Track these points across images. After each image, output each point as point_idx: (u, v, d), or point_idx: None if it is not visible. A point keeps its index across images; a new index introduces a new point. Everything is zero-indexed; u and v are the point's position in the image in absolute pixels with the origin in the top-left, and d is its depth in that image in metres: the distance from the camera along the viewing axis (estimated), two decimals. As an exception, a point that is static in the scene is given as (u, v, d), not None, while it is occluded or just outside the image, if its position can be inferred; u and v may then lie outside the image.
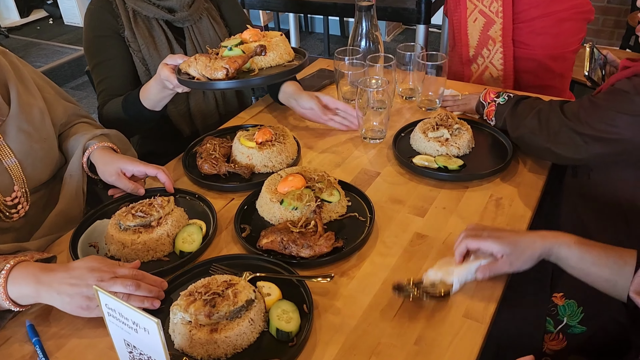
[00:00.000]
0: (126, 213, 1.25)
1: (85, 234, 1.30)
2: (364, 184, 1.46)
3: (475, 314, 1.06)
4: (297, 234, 1.18)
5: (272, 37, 1.48)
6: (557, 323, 1.25)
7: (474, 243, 1.11)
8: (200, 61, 1.35)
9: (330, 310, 1.08)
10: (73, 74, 4.68)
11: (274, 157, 1.48)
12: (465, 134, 1.53)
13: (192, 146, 1.61)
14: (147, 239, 1.20)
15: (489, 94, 1.60)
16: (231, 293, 1.02)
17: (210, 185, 1.44)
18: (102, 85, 1.69)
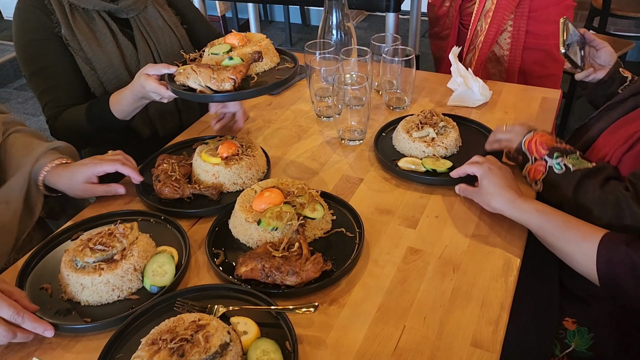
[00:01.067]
0: (82, 247, 1.05)
1: (33, 273, 1.10)
2: (346, 193, 1.32)
3: (485, 341, 0.94)
4: (280, 259, 1.03)
5: (258, 40, 1.46)
6: (564, 347, 1.15)
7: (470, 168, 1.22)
8: (202, 72, 1.26)
9: (319, 346, 0.94)
10: (16, 74, 4.33)
11: (243, 172, 1.30)
12: (452, 132, 1.41)
13: (143, 168, 1.38)
14: (111, 276, 1.02)
15: (537, 146, 1.20)
16: (202, 337, 0.86)
17: (174, 212, 1.24)
18: (46, 96, 1.51)
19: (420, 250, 1.13)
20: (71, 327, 0.97)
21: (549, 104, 1.66)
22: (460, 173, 1.24)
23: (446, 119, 1.45)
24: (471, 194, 1.20)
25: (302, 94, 1.79)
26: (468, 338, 0.94)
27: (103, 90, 1.54)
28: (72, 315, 1.00)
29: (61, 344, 0.96)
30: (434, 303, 1.01)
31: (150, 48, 1.62)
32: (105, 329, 0.98)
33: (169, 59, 1.66)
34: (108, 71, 1.52)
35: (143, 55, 1.60)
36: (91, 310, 1.01)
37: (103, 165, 1.23)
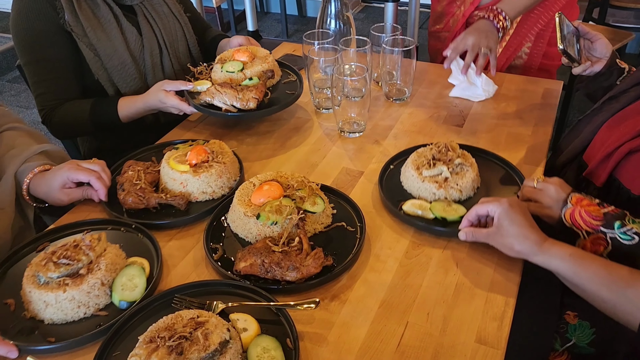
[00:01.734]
0: (45, 261, 0.98)
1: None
2: (347, 186, 1.29)
3: (489, 338, 0.92)
4: (280, 254, 1.01)
5: (264, 56, 1.59)
6: (564, 341, 1.14)
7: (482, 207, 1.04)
8: (228, 93, 1.40)
9: (320, 343, 0.92)
10: (9, 66, 4.25)
11: (213, 181, 1.22)
12: (469, 172, 1.20)
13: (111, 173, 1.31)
14: (77, 292, 0.95)
15: (585, 217, 1.01)
16: (201, 335, 0.84)
17: (138, 224, 1.15)
18: (41, 87, 1.49)
19: (423, 245, 1.11)
20: (34, 349, 0.91)
21: (551, 95, 1.64)
22: (472, 218, 1.06)
23: (464, 155, 1.24)
24: (485, 237, 1.03)
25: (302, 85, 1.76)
26: (472, 334, 0.92)
27: (107, 76, 1.51)
28: (35, 335, 0.94)
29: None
30: (437, 299, 0.99)
31: (155, 34, 1.59)
32: (71, 349, 0.92)
33: (174, 46, 1.65)
34: (113, 57, 1.49)
35: (148, 40, 1.57)
36: (56, 329, 0.95)
37: (78, 173, 1.18)
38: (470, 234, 1.05)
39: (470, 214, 1.06)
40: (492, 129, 1.49)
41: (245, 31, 4.41)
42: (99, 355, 0.88)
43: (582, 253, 0.95)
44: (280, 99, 1.50)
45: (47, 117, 1.51)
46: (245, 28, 4.81)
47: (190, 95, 1.46)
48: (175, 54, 1.65)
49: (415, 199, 1.20)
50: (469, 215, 1.06)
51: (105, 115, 1.48)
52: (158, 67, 1.61)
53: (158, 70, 1.61)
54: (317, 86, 1.65)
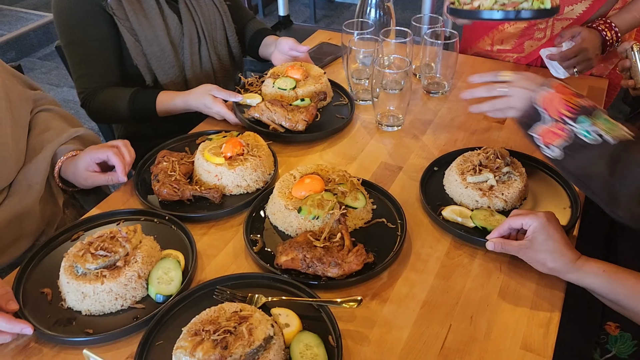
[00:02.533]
0: (83, 252, 0.98)
1: (34, 274, 1.03)
2: (385, 181, 1.27)
3: (535, 344, 0.90)
4: (322, 250, 1.00)
5: (319, 76, 1.55)
6: (604, 352, 1.11)
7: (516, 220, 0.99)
8: (278, 112, 1.37)
9: (362, 342, 0.91)
10: (40, 43, 4.29)
11: (247, 174, 1.21)
12: (516, 182, 1.15)
13: (142, 164, 1.31)
14: (114, 284, 0.95)
15: (556, 99, 0.98)
16: (245, 330, 0.84)
17: (173, 215, 1.14)
18: (81, 68, 1.49)
19: (465, 245, 1.09)
20: (72, 340, 0.91)
21: (596, 94, 1.59)
22: (503, 231, 1.01)
23: (514, 163, 1.19)
24: (516, 250, 0.98)
25: (337, 74, 1.74)
26: (518, 340, 0.90)
27: (146, 63, 1.51)
28: (72, 326, 0.94)
29: (66, 359, 0.90)
30: (480, 302, 0.97)
31: (195, 22, 1.59)
32: (110, 341, 0.92)
33: (212, 35, 1.64)
34: (153, 43, 1.49)
35: (188, 28, 1.56)
36: (93, 321, 0.95)
37: (98, 152, 1.17)
38: (499, 245, 1.00)
39: (502, 227, 1.01)
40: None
41: (275, 15, 4.37)
42: (143, 343, 0.88)
43: (616, 269, 0.92)
44: (331, 123, 1.45)
45: (87, 100, 1.51)
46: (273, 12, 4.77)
47: (237, 106, 1.45)
48: (213, 43, 1.64)
49: (456, 205, 1.15)
50: (501, 227, 1.01)
51: (144, 106, 1.48)
52: (196, 56, 1.60)
53: (196, 60, 1.60)
54: (355, 77, 1.62)
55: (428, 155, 1.35)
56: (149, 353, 0.88)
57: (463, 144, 1.39)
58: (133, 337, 0.92)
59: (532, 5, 1.25)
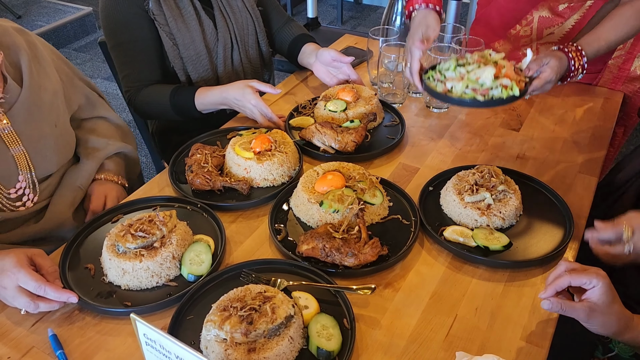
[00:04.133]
0: (124, 233, 1.08)
1: (79, 252, 1.14)
2: (402, 181, 1.35)
3: (534, 337, 0.97)
4: (340, 241, 1.08)
5: (369, 98, 1.56)
6: (607, 351, 1.16)
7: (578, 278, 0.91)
8: (326, 134, 1.40)
9: (374, 326, 0.99)
10: (76, 35, 4.45)
11: (274, 169, 1.29)
12: (512, 200, 1.18)
13: (177, 156, 1.41)
14: (151, 263, 1.05)
15: None
16: (269, 308, 0.93)
17: (204, 204, 1.23)
18: (127, 68, 1.60)
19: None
20: (112, 311, 1.01)
21: (611, 106, 1.64)
22: (560, 288, 0.92)
23: (507, 181, 1.23)
24: (583, 312, 0.90)
25: (362, 76, 1.81)
26: (518, 332, 0.98)
27: (182, 65, 1.61)
28: (113, 298, 1.04)
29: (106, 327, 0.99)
30: (486, 295, 1.05)
31: (229, 28, 1.67)
32: (145, 313, 1.01)
33: (244, 40, 1.72)
34: (190, 47, 1.59)
35: (222, 34, 1.65)
36: (131, 295, 1.04)
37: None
38: (558, 305, 0.90)
39: (559, 283, 0.91)
40: (549, 135, 1.51)
41: (303, 16, 4.46)
42: (176, 317, 0.98)
43: None
44: (380, 143, 1.47)
45: (132, 98, 1.61)
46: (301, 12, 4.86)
47: (289, 128, 1.51)
48: (245, 47, 1.73)
49: (456, 225, 1.18)
50: (558, 283, 0.91)
51: (183, 102, 1.55)
52: (229, 60, 1.69)
53: (228, 63, 1.69)
54: (381, 80, 1.70)
55: (444, 158, 1.42)
56: (181, 326, 0.98)
57: (478, 149, 1.46)
58: (166, 311, 1.02)
59: (501, 93, 1.27)
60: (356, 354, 0.94)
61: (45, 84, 1.25)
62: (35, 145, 1.22)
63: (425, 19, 1.39)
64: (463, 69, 1.32)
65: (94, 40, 4.43)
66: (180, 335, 0.96)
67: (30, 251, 1.04)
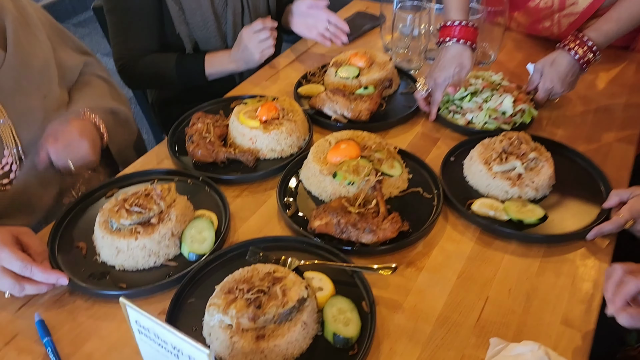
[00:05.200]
0: (118, 208, 0.98)
1: (69, 230, 1.03)
2: (422, 151, 1.24)
3: (576, 321, 0.87)
4: (356, 215, 0.97)
5: (384, 63, 1.44)
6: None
7: None
8: (338, 101, 1.28)
9: (396, 309, 0.89)
10: (75, 9, 4.30)
11: (282, 139, 1.18)
12: (545, 167, 1.08)
13: (177, 126, 1.30)
14: (148, 240, 0.95)
15: None
16: (279, 290, 0.83)
17: (206, 176, 1.13)
18: (122, 34, 1.49)
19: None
20: (105, 293, 0.91)
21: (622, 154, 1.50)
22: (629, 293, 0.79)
23: (538, 148, 1.12)
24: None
25: (374, 43, 1.70)
26: (558, 315, 0.87)
27: (188, 32, 1.50)
28: (106, 280, 0.94)
29: (99, 312, 0.90)
30: (519, 275, 0.94)
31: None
32: (141, 296, 0.91)
33: (255, 4, 1.60)
34: (196, 13, 1.47)
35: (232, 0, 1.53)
36: (127, 276, 0.95)
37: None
38: (628, 317, 0.78)
39: (627, 291, 0.78)
40: (579, 102, 1.39)
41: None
42: (175, 300, 0.88)
43: None
44: (396, 112, 1.36)
45: (126, 67, 1.50)
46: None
47: (297, 96, 1.41)
48: (256, 12, 1.61)
49: (484, 198, 1.07)
50: (626, 291, 0.78)
51: (191, 68, 1.47)
52: (239, 26, 1.57)
53: (238, 30, 1.57)
54: (395, 45, 1.58)
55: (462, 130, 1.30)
56: (181, 309, 0.88)
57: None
58: (165, 294, 0.92)
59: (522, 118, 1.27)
60: (377, 341, 0.84)
61: (34, 50, 1.13)
62: (21, 117, 1.11)
63: (460, 57, 1.28)
64: (478, 97, 1.28)
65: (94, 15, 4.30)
66: (181, 321, 0.87)
67: (16, 229, 0.94)
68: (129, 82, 1.54)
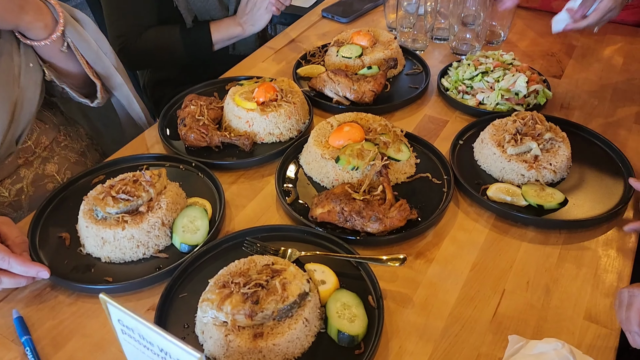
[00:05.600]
0: (104, 195, 0.91)
1: (51, 218, 0.96)
2: (430, 135, 1.16)
3: (601, 316, 0.80)
4: (361, 203, 0.90)
5: (388, 42, 1.37)
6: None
7: None
8: (340, 82, 1.20)
9: (405, 304, 0.82)
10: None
11: (281, 121, 1.11)
12: (561, 149, 1.02)
13: (168, 108, 1.23)
14: (136, 230, 0.87)
15: None
16: (279, 284, 0.76)
17: (199, 162, 1.05)
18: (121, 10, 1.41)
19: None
20: (90, 288, 0.84)
21: None
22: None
23: (553, 128, 1.06)
24: None
25: (377, 22, 1.61)
26: (581, 310, 0.80)
27: (186, 4, 1.43)
28: (91, 273, 0.87)
29: (82, 308, 0.83)
30: (538, 266, 0.87)
31: None
32: (129, 290, 0.85)
33: None
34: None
35: None
36: (113, 268, 0.88)
37: None
38: None
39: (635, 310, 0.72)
40: (595, 82, 1.32)
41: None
42: (166, 294, 0.81)
43: None
44: (402, 93, 1.28)
45: (126, 44, 1.43)
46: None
47: (296, 77, 1.32)
48: None
49: (499, 183, 1.00)
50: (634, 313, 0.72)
51: (197, 38, 1.42)
52: None
53: None
54: (401, 25, 1.50)
55: (472, 111, 1.22)
56: (172, 305, 0.81)
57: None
58: (155, 288, 0.85)
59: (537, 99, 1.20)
60: (385, 338, 0.77)
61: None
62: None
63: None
64: (489, 77, 1.20)
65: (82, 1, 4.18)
66: (172, 318, 0.80)
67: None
68: (130, 61, 1.46)
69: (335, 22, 1.64)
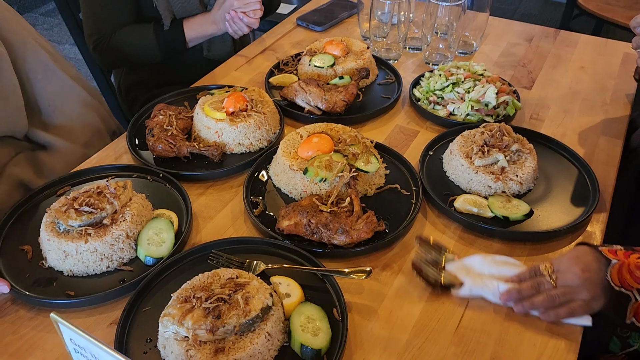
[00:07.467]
0: (66, 207, 0.89)
1: (14, 230, 0.95)
2: (400, 145, 1.17)
3: (562, 328, 0.81)
4: (328, 215, 0.90)
5: (361, 52, 1.37)
6: (625, 346, 1.02)
7: None
8: (312, 92, 1.20)
9: (370, 316, 0.82)
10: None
11: (251, 132, 1.11)
12: (528, 161, 1.03)
13: (137, 118, 1.21)
14: (100, 243, 0.86)
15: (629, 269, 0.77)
16: (241, 299, 0.75)
17: (167, 173, 1.04)
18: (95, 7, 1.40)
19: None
20: (52, 302, 0.83)
21: (631, 61, 1.46)
22: None
23: (521, 140, 1.07)
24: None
25: (351, 31, 1.62)
26: (543, 321, 0.81)
27: (167, 4, 1.41)
28: (53, 287, 0.85)
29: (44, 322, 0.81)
30: (502, 278, 0.88)
31: None
32: (92, 305, 0.83)
33: None
34: None
35: None
36: (76, 282, 0.86)
37: None
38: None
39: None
40: (565, 93, 1.34)
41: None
42: (129, 309, 0.80)
43: None
44: (374, 103, 1.28)
45: (100, 42, 1.41)
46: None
47: (268, 87, 1.31)
48: None
49: (467, 194, 1.01)
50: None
51: (171, 37, 1.41)
52: None
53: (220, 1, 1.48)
54: (374, 34, 1.51)
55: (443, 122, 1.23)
56: (135, 320, 0.80)
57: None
58: (118, 302, 0.84)
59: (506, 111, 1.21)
60: (349, 351, 0.77)
61: None
62: None
63: None
64: (459, 88, 1.21)
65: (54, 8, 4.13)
66: (134, 332, 0.79)
67: None
68: (104, 59, 1.44)
69: (310, 31, 1.64)
